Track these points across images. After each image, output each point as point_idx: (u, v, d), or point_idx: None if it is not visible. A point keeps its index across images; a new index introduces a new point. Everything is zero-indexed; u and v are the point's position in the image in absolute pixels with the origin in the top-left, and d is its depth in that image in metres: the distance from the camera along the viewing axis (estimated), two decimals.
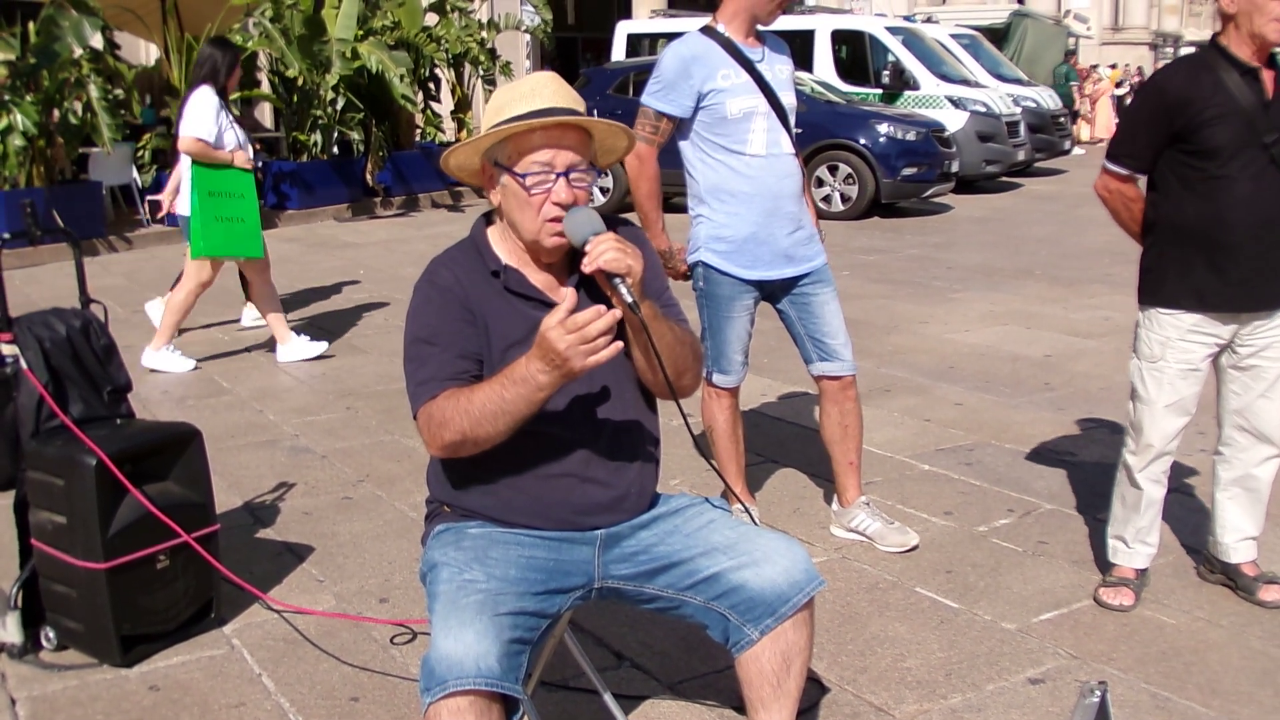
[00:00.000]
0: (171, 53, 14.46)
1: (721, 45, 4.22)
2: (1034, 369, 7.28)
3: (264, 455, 5.81)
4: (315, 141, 15.89)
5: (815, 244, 4.42)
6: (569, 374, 2.39)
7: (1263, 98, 3.70)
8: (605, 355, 2.36)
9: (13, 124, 11.70)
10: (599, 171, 2.73)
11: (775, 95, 4.26)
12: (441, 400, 2.54)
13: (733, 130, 4.22)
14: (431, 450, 2.61)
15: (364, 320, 9.15)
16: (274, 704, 3.48)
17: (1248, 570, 4.04)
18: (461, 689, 2.28)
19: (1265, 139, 3.68)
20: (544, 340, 2.35)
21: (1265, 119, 3.68)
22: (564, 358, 2.34)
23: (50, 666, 3.70)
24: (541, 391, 2.42)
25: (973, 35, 21.31)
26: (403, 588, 4.24)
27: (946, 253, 11.34)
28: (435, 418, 2.54)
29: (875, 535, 4.53)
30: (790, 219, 4.31)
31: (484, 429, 2.48)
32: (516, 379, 2.43)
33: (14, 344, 3.71)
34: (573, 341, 2.33)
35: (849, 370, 4.46)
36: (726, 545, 2.68)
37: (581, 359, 2.35)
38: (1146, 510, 3.99)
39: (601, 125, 2.65)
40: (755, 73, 4.22)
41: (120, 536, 3.61)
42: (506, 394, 2.44)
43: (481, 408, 2.47)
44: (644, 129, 4.28)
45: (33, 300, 9.00)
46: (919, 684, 3.53)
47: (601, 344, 2.35)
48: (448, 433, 2.52)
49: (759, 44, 4.30)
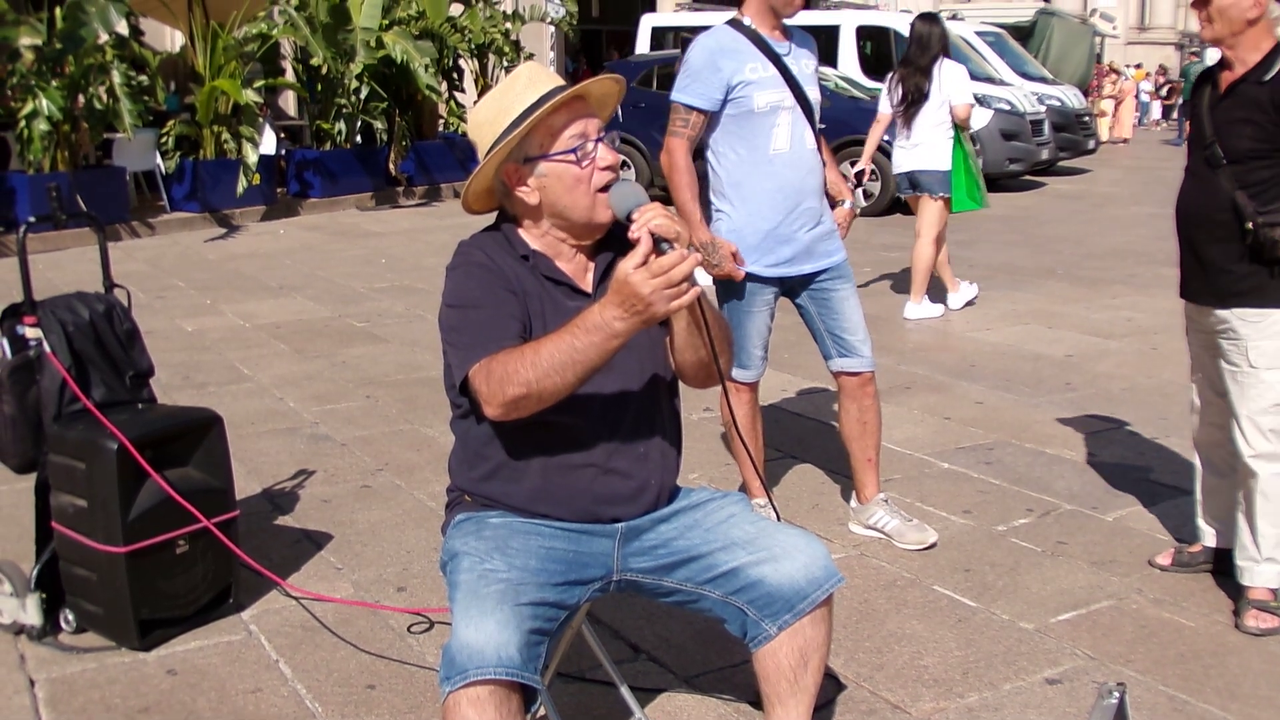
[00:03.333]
0: (196, 40, 14.48)
1: (749, 38, 4.21)
2: (1055, 369, 7.25)
3: (284, 442, 5.82)
4: (339, 130, 15.92)
5: (835, 239, 4.41)
6: (650, 319, 2.34)
7: (1214, 97, 3.83)
8: (688, 299, 2.33)
9: (38, 108, 11.74)
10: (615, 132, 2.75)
11: (801, 89, 4.25)
12: (502, 356, 2.47)
13: (758, 125, 4.21)
14: (490, 409, 2.50)
15: (385, 309, 9.17)
16: (290, 690, 3.49)
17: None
18: (482, 678, 2.28)
19: (1205, 140, 3.82)
20: (625, 285, 2.30)
21: (1210, 120, 3.82)
22: (647, 302, 2.30)
23: (69, 649, 3.72)
24: (616, 339, 2.37)
25: (998, 32, 21.19)
26: (420, 576, 4.25)
27: (968, 251, 11.29)
28: (496, 373, 2.46)
29: (893, 532, 4.52)
30: (811, 215, 4.30)
31: (551, 380, 2.41)
32: (589, 327, 2.37)
33: (38, 327, 3.73)
34: (658, 285, 2.28)
35: (867, 367, 4.44)
36: (746, 540, 2.68)
37: (665, 303, 2.31)
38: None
39: (594, 84, 2.70)
40: (782, 66, 4.21)
41: (140, 521, 3.62)
42: (578, 342, 2.38)
43: (550, 358, 2.40)
44: (675, 124, 4.26)
45: (55, 285, 9.03)
46: (936, 682, 3.53)
47: (685, 288, 2.31)
48: (512, 387, 2.43)
49: (785, 38, 4.29)
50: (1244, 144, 3.72)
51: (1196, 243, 3.90)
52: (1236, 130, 3.74)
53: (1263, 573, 3.84)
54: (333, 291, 9.90)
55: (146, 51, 14.49)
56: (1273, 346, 3.75)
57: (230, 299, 9.51)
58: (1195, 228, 3.90)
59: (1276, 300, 3.75)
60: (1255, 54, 3.72)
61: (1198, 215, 3.88)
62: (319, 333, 8.34)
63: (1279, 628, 3.79)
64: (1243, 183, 3.73)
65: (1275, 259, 3.70)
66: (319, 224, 14.41)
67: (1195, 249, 3.91)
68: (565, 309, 2.61)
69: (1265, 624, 3.80)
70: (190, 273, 10.86)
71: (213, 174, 14.11)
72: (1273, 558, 3.84)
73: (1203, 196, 3.85)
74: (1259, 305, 3.76)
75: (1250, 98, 3.71)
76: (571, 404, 2.52)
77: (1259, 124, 3.69)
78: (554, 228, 2.68)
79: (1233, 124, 3.75)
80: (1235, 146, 3.74)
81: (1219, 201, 3.78)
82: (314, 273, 10.80)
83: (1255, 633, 3.78)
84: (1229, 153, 3.76)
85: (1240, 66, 3.76)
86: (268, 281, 10.40)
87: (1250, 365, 3.78)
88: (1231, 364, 3.84)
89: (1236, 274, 3.78)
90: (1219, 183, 3.78)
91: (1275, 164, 3.70)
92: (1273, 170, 3.70)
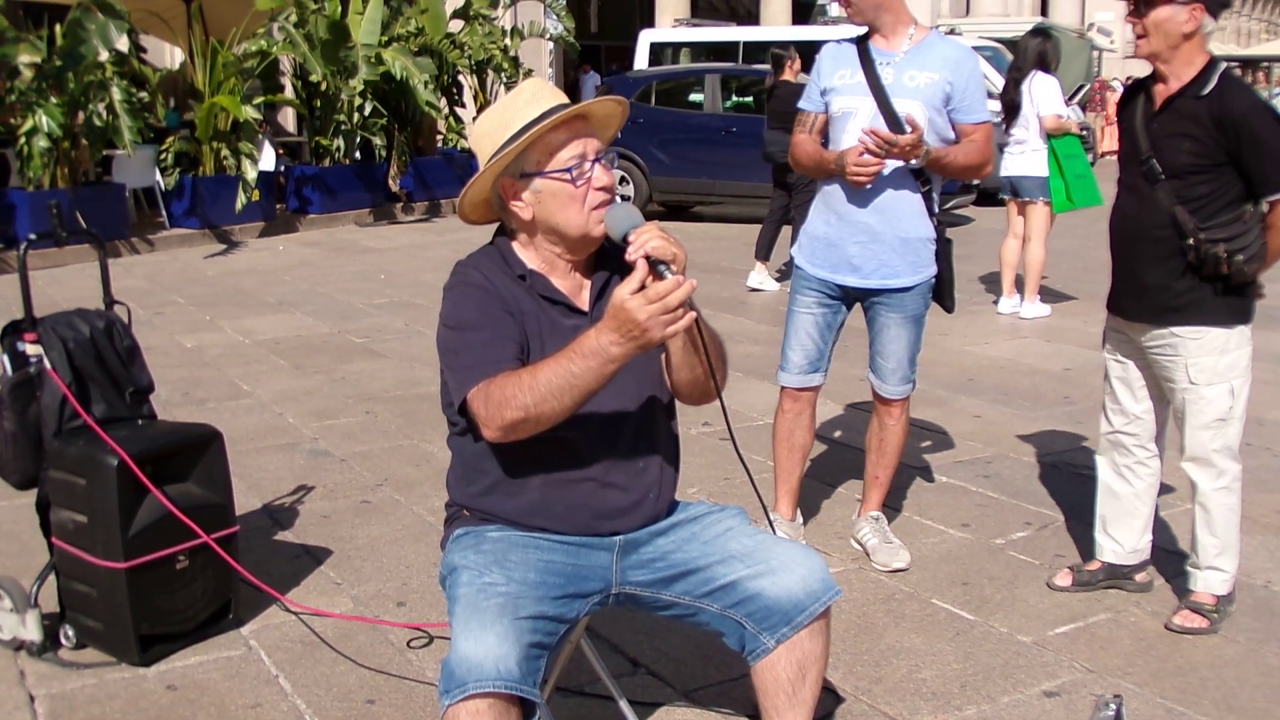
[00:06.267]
0: (196, 56, 14.50)
1: (856, 45, 4.27)
2: (1053, 382, 7.26)
3: (283, 458, 5.83)
4: (338, 146, 15.93)
5: (896, 266, 4.26)
6: (646, 345, 2.36)
7: (1149, 112, 3.82)
8: (684, 324, 2.35)
9: (38, 125, 11.75)
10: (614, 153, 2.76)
11: (888, 102, 4.14)
12: (500, 379, 2.48)
13: (834, 129, 4.28)
14: (488, 432, 2.52)
15: (384, 325, 9.18)
16: (290, 705, 3.49)
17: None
18: (481, 691, 2.29)
19: (1141, 154, 3.80)
20: (621, 311, 2.31)
21: (1146, 135, 3.80)
22: (643, 328, 2.31)
23: (69, 665, 3.72)
24: (613, 364, 2.38)
25: (995, 47, 21.24)
26: (420, 591, 4.25)
27: (967, 265, 11.23)
28: (494, 396, 2.47)
29: (870, 550, 4.53)
30: (863, 229, 4.21)
31: (549, 405, 2.43)
32: (586, 352, 2.39)
33: (38, 344, 3.74)
34: (654, 311, 2.30)
35: (889, 394, 4.45)
36: (744, 553, 2.69)
37: (661, 329, 2.32)
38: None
39: (596, 104, 2.71)
40: (874, 76, 4.18)
41: (140, 536, 3.63)
42: (575, 368, 2.40)
43: (548, 383, 2.42)
44: (795, 126, 4.42)
45: (55, 301, 9.04)
46: (934, 695, 3.53)
47: (681, 314, 2.33)
48: (510, 411, 2.45)
49: (895, 47, 4.20)
50: (1183, 159, 3.70)
51: (1132, 259, 3.88)
52: (1174, 145, 3.72)
53: (1205, 579, 3.94)
54: (332, 307, 9.91)
55: (146, 68, 14.53)
56: (1211, 363, 3.76)
57: (230, 315, 9.52)
58: (1132, 244, 3.88)
59: (1213, 318, 3.75)
60: (1190, 69, 3.71)
61: (1134, 232, 3.86)
62: (318, 348, 8.35)
63: (1204, 629, 3.87)
64: (1182, 198, 3.71)
65: (1217, 275, 3.69)
66: (318, 240, 14.42)
67: (1131, 265, 3.89)
68: (562, 328, 2.63)
69: (1190, 623, 3.89)
70: (189, 289, 10.87)
71: (212, 190, 14.12)
72: (1214, 566, 3.92)
73: (1140, 212, 3.83)
74: (1198, 323, 3.75)
75: (1188, 112, 3.69)
76: (569, 420, 2.52)
77: (1197, 138, 3.67)
78: (548, 243, 2.70)
79: (1170, 138, 3.73)
80: (1173, 161, 3.72)
81: (1157, 218, 3.77)
82: (313, 289, 10.81)
83: (1178, 630, 3.88)
84: (1167, 168, 3.73)
85: (1175, 81, 3.74)
86: (267, 297, 10.41)
87: (1190, 382, 3.79)
88: (1169, 380, 3.86)
89: (1175, 290, 3.77)
90: (1157, 198, 3.76)
91: (1214, 179, 3.68)
92: (1212, 185, 3.68)
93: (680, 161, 15.50)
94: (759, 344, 8.02)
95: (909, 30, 4.22)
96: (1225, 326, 3.77)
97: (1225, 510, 3.88)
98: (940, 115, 4.17)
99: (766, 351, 7.30)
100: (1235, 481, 3.88)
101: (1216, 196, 3.69)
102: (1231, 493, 3.88)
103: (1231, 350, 3.78)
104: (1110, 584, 4.20)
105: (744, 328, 8.80)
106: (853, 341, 4.95)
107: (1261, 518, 4.90)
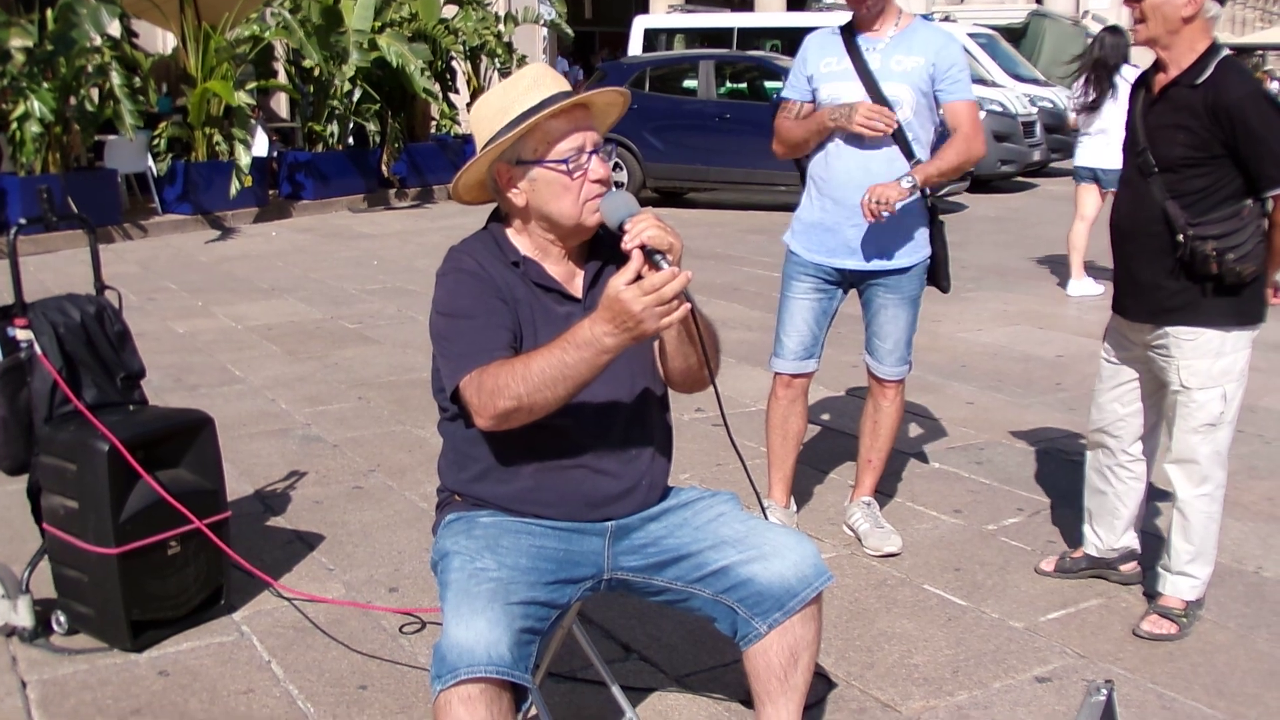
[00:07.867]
0: (188, 41, 14.44)
1: (841, 33, 4.28)
2: (1046, 369, 7.27)
3: (275, 444, 5.82)
4: (331, 132, 15.89)
5: (894, 248, 4.29)
6: (640, 336, 2.35)
7: (1148, 101, 3.71)
8: (678, 316, 2.34)
9: (30, 110, 11.72)
10: (613, 145, 2.75)
11: (876, 86, 4.16)
12: (493, 368, 2.48)
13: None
14: (480, 421, 2.52)
15: (377, 311, 9.17)
16: (282, 691, 3.50)
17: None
18: (473, 676, 2.29)
19: (1138, 146, 3.69)
20: (616, 302, 2.30)
21: (1143, 125, 3.69)
22: (638, 319, 2.30)
23: (61, 650, 3.72)
24: (606, 355, 2.37)
25: (990, 34, 21.19)
26: (412, 577, 4.25)
27: (960, 252, 11.23)
28: (487, 385, 2.46)
29: (861, 535, 4.55)
30: (859, 212, 4.17)
31: (542, 395, 2.42)
32: (579, 342, 2.37)
33: (29, 329, 3.73)
34: (649, 303, 2.29)
35: (886, 376, 4.48)
36: (736, 539, 2.69)
37: (656, 320, 2.31)
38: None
39: (598, 95, 2.70)
40: (860, 62, 4.20)
41: (132, 522, 3.62)
42: (568, 357, 2.38)
43: (540, 373, 2.41)
44: (779, 113, 4.42)
45: (46, 286, 9.02)
46: (926, 680, 3.54)
47: (676, 305, 2.32)
48: (502, 400, 2.44)
49: (881, 34, 4.23)
50: (1176, 151, 3.56)
51: (1128, 256, 3.77)
52: (1168, 136, 3.58)
53: (1174, 583, 3.84)
54: (324, 293, 9.89)
55: (139, 53, 14.47)
56: (1205, 366, 3.63)
57: (222, 301, 9.50)
58: (1127, 240, 3.76)
59: (1209, 319, 3.61)
60: (1190, 55, 3.55)
61: (1130, 227, 3.74)
62: (311, 334, 8.34)
63: (1173, 634, 3.78)
64: (1175, 192, 3.57)
65: (1206, 274, 3.55)
66: (311, 226, 14.39)
67: (1128, 263, 3.78)
68: (556, 316, 2.62)
69: (1159, 629, 3.79)
70: (182, 275, 10.85)
71: (204, 176, 14.09)
72: (1184, 572, 3.81)
73: (1135, 207, 3.70)
74: (1191, 324, 3.63)
75: (1183, 102, 3.55)
76: (562, 408, 2.52)
77: (1192, 130, 3.52)
78: (541, 230, 2.69)
79: (1165, 130, 3.59)
80: (1167, 154, 3.58)
81: (1150, 213, 3.63)
82: (306, 274, 10.79)
83: (1146, 636, 3.78)
84: (1160, 160, 3.60)
85: (1174, 69, 3.59)
86: (259, 283, 10.39)
87: (1182, 384, 3.68)
88: (1164, 381, 3.77)
89: (1168, 290, 3.64)
90: (1150, 192, 3.63)
91: (1210, 172, 3.53)
92: (1207, 179, 3.53)
93: (674, 148, 15.47)
94: (752, 330, 8.02)
95: (895, 18, 4.25)
96: (1222, 329, 3.62)
97: (1204, 518, 3.76)
98: (927, 98, 4.21)
99: (760, 338, 7.30)
100: (1218, 489, 3.77)
101: (1213, 191, 3.54)
102: (1213, 501, 3.76)
103: (1227, 354, 3.64)
104: (1094, 573, 4.20)
105: (737, 314, 8.79)
106: (845, 328, 4.96)
107: (1252, 504, 4.91)
